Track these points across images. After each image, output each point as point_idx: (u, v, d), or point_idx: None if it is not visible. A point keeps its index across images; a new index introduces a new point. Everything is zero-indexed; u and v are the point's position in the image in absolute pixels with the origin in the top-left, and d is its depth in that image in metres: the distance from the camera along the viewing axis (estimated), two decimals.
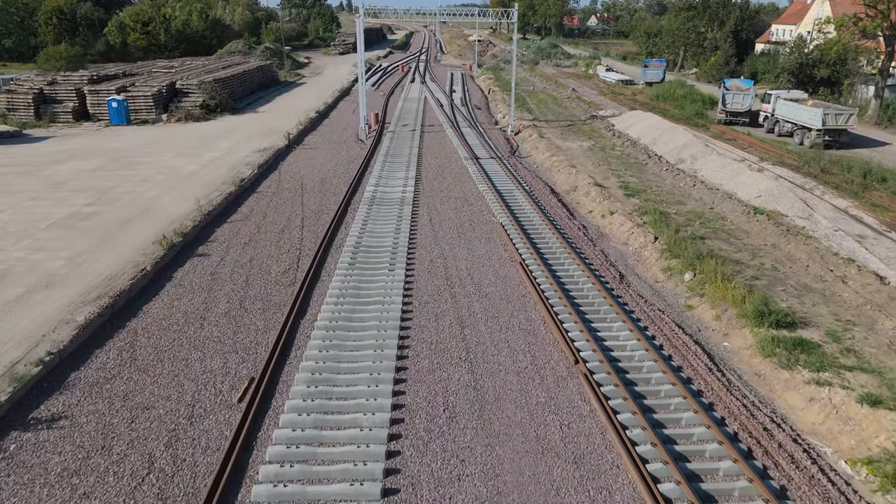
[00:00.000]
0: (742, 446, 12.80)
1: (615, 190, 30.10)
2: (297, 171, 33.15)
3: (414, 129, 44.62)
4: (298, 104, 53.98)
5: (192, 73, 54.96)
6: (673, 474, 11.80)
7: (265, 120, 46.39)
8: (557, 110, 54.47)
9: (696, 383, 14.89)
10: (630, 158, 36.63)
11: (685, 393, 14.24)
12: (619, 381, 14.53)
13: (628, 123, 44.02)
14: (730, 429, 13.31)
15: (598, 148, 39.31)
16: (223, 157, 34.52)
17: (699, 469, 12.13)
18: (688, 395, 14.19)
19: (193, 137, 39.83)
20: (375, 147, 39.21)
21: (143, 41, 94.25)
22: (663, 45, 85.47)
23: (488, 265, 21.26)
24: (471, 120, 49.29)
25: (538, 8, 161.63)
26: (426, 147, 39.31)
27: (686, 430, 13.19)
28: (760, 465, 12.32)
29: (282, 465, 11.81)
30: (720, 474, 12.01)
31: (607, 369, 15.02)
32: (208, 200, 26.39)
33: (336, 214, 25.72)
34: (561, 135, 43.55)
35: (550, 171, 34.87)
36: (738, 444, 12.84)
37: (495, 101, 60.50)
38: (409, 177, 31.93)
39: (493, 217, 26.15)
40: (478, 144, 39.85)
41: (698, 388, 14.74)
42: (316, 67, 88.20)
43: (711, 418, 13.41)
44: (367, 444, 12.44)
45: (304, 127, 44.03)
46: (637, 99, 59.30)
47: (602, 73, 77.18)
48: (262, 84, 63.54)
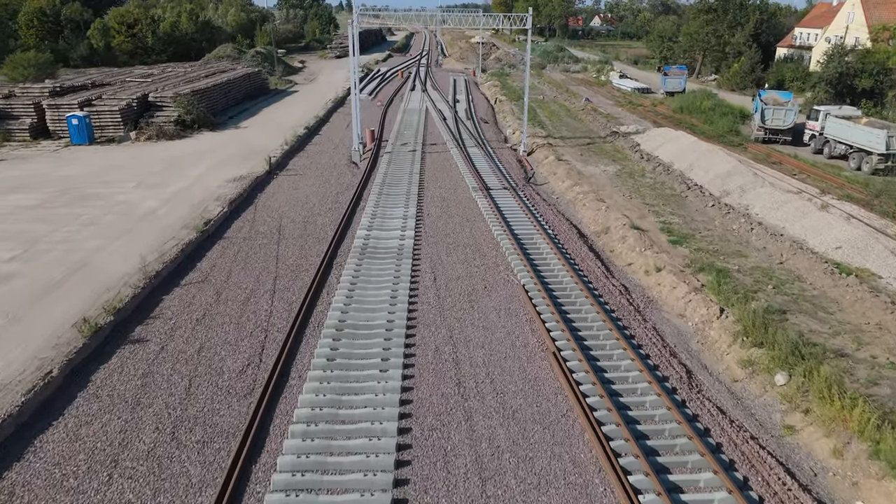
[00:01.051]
0: None
1: (656, 233, 25.02)
2: (276, 206, 28.06)
3: (414, 150, 39.54)
4: (287, 117, 48.89)
5: (170, 83, 49.92)
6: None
7: (247, 138, 41.31)
8: (572, 124, 49.37)
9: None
10: (665, 189, 31.54)
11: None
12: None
13: (656, 143, 38.94)
14: None
15: (625, 174, 34.22)
16: (191, 189, 29.44)
17: None
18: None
19: (161, 161, 34.75)
20: (370, 172, 34.15)
21: (129, 44, 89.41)
22: (679, 49, 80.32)
23: (512, 356, 16.19)
24: (477, 137, 44.21)
25: (542, 9, 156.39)
26: (428, 173, 34.23)
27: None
28: None
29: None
30: None
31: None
32: (160, 255, 21.30)
33: (317, 273, 20.65)
34: (581, 156, 38.47)
35: (574, 204, 29.79)
36: None
37: (503, 113, 55.42)
38: (408, 215, 26.84)
39: (513, 275, 21.09)
40: (487, 170, 34.77)
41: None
42: (310, 73, 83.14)
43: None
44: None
45: (291, 147, 38.95)
46: (658, 111, 54.21)
47: (616, 81, 72.11)
48: (249, 94, 58.48)
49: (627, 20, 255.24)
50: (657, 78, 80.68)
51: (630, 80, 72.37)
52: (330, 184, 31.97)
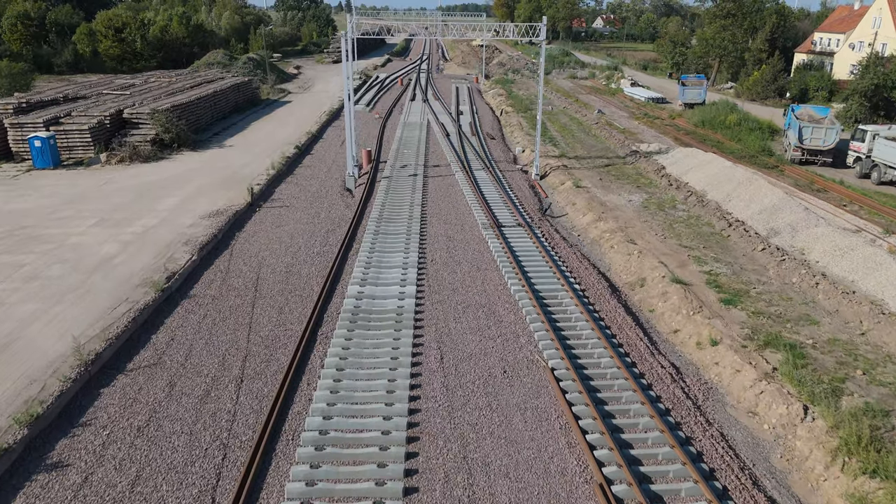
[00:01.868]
0: None
1: (702, 288, 21.13)
2: (255, 250, 24.16)
3: (415, 173, 35.65)
4: (276, 134, 45.00)
5: (150, 96, 46.05)
6: None
7: (231, 159, 37.41)
8: (587, 141, 45.47)
9: None
10: (702, 225, 27.63)
11: None
12: None
13: (684, 166, 35.04)
14: None
15: (653, 205, 30.33)
16: (158, 228, 25.53)
17: None
18: None
19: (131, 190, 30.85)
20: (366, 203, 30.26)
21: (117, 49, 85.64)
22: (693, 55, 76.41)
23: (546, 490, 12.30)
24: (484, 157, 40.31)
25: (546, 11, 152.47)
26: (431, 204, 30.34)
27: None
28: None
29: None
30: None
31: None
32: (105, 327, 17.41)
33: (297, 351, 16.77)
34: (600, 181, 34.58)
35: (600, 245, 25.89)
36: None
37: (510, 127, 51.54)
38: (408, 262, 22.94)
39: (538, 352, 17.20)
40: (497, 199, 30.88)
41: None
42: (305, 80, 79.24)
43: None
44: None
45: (278, 171, 35.05)
46: (678, 125, 50.32)
47: (628, 89, 68.20)
48: (237, 106, 54.60)
49: (630, 21, 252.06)
50: (670, 85, 76.93)
51: (643, 89, 68.47)
52: (320, 218, 28.07)
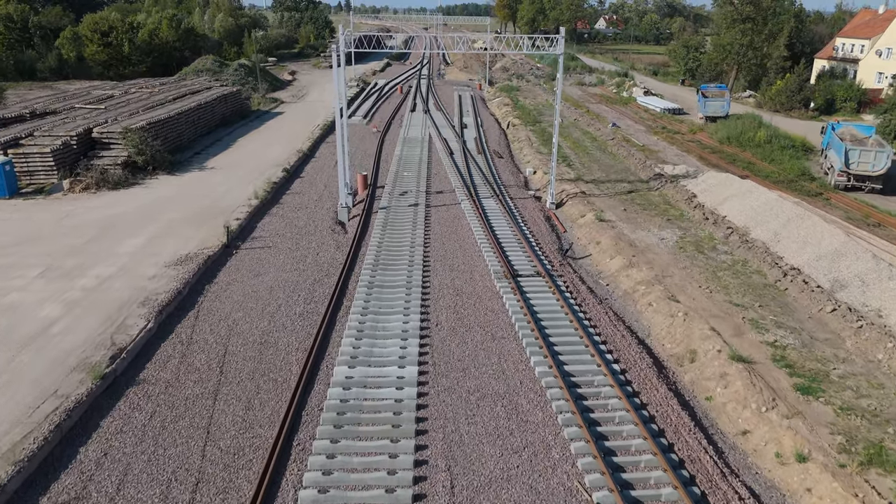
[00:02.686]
0: None
1: (768, 366, 17.24)
2: (226, 311, 20.26)
3: (416, 202, 31.74)
4: (264, 153, 41.10)
5: (127, 110, 42.17)
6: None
7: (210, 185, 33.51)
8: (604, 160, 41.56)
9: None
10: (751, 272, 23.75)
11: None
12: None
13: (719, 195, 31.11)
14: None
15: (690, 244, 26.42)
16: (115, 280, 21.64)
17: None
18: None
19: (92, 227, 26.95)
20: (359, 243, 26.36)
21: (103, 54, 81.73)
22: (709, 62, 72.44)
23: None
24: (492, 181, 36.42)
25: (549, 13, 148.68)
26: (435, 244, 26.42)
27: None
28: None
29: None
30: None
31: None
32: (11, 445, 13.51)
33: (263, 476, 12.87)
34: (624, 211, 30.68)
35: (634, 300, 22.00)
36: None
37: (518, 142, 47.65)
38: (408, 329, 19.03)
39: (576, 470, 13.32)
40: (510, 236, 26.97)
41: None
42: (299, 88, 75.33)
43: None
44: None
45: (262, 199, 31.17)
46: (701, 142, 46.40)
47: (641, 99, 64.28)
48: (225, 118, 50.70)
49: (633, 22, 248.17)
50: (683, 93, 73.10)
51: (657, 99, 64.55)
52: (306, 263, 24.18)
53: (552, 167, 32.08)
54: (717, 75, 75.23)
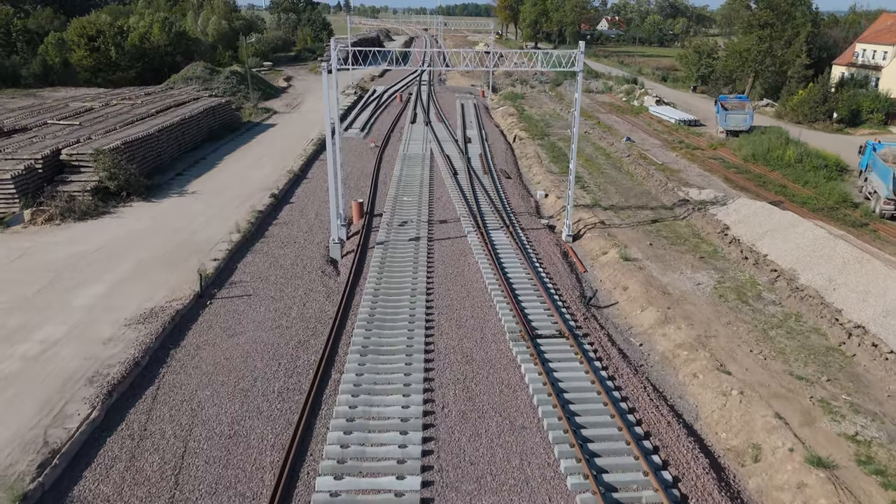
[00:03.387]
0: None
1: (855, 472, 13.95)
2: (191, 389, 16.95)
3: (417, 236, 28.42)
4: (251, 174, 37.79)
5: (104, 126, 38.91)
6: None
7: (189, 214, 30.20)
8: (621, 181, 38.23)
9: None
10: (807, 330, 20.44)
11: None
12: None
13: (755, 227, 27.77)
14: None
15: (730, 290, 23.11)
16: (62, 346, 18.35)
17: None
18: None
19: (47, 270, 23.65)
20: (353, 290, 23.06)
21: (90, 59, 78.38)
22: (724, 69, 69.06)
23: None
24: (501, 207, 33.11)
25: (552, 14, 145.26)
26: (439, 292, 23.10)
27: None
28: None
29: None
30: None
31: None
32: None
33: None
34: (650, 246, 27.39)
35: (674, 366, 18.72)
36: None
37: (526, 159, 44.35)
38: (409, 420, 15.72)
39: None
40: (526, 283, 23.63)
41: None
42: (294, 96, 72.00)
43: None
44: None
45: (245, 233, 27.86)
46: (724, 159, 43.05)
47: (654, 108, 60.94)
48: (212, 132, 47.38)
49: (635, 23, 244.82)
50: (696, 101, 69.78)
51: (671, 108, 61.20)
52: (290, 318, 20.88)
53: (569, 196, 28.74)
54: (731, 82, 71.99)
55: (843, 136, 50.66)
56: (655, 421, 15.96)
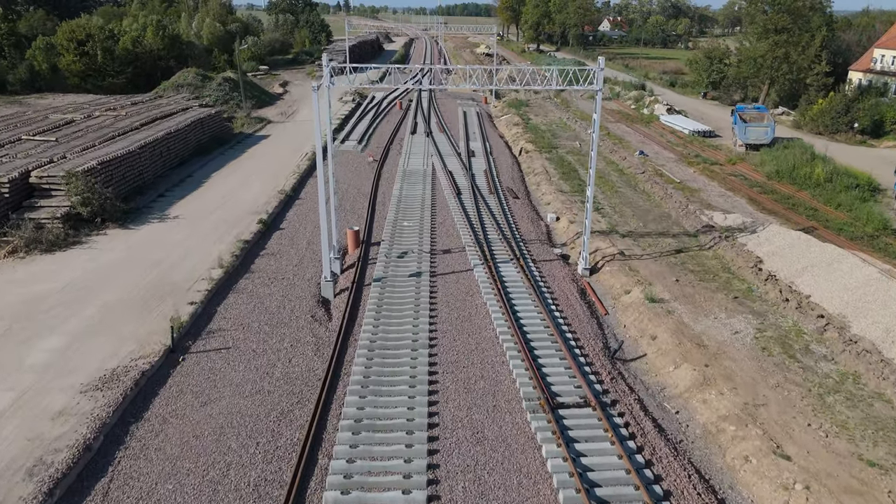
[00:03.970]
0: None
1: None
2: (149, 482, 14.23)
3: (418, 270, 25.73)
4: (239, 194, 35.11)
5: (82, 143, 36.27)
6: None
7: (167, 245, 27.49)
8: (637, 202, 35.54)
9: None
10: (869, 396, 17.75)
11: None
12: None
13: (793, 262, 25.08)
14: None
15: (774, 342, 20.42)
16: (4, 422, 15.66)
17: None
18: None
19: (3, 314, 20.95)
20: (345, 341, 20.39)
21: (79, 64, 75.61)
22: (738, 75, 66.31)
23: None
24: (510, 232, 30.41)
25: (555, 16, 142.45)
26: (444, 342, 20.41)
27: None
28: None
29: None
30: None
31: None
32: None
33: None
34: (676, 282, 24.69)
35: (719, 444, 16.03)
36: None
37: (534, 175, 41.68)
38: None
39: None
40: (541, 330, 20.95)
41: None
42: (290, 103, 69.29)
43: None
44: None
45: (229, 268, 25.16)
46: (745, 175, 40.33)
47: (665, 118, 58.21)
48: (201, 146, 44.68)
49: (637, 23, 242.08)
50: (707, 108, 67.05)
51: (683, 118, 58.47)
52: (273, 380, 18.19)
53: (586, 225, 26.01)
54: (743, 88, 69.28)
55: (867, 150, 47.98)
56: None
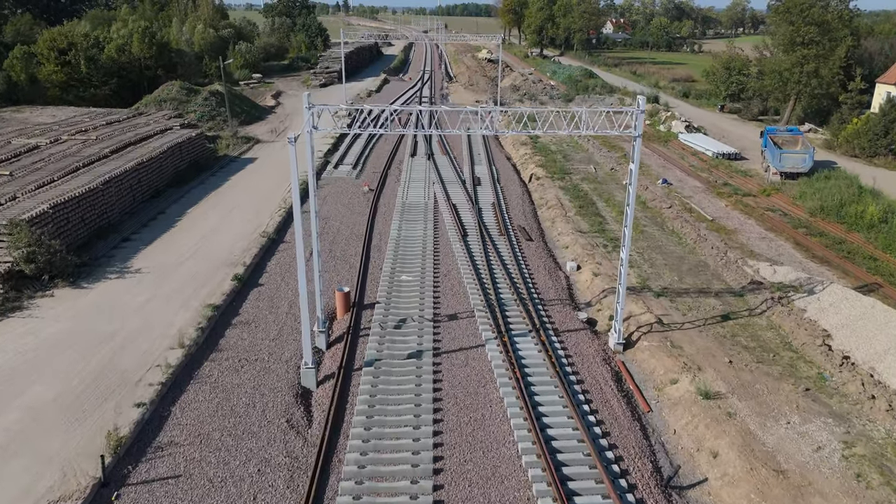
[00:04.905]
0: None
1: None
2: None
3: (420, 348, 21.51)
4: (216, 238, 30.84)
5: (38, 177, 32.13)
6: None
7: (122, 313, 23.24)
8: (667, 246, 31.27)
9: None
10: None
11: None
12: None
13: (870, 340, 20.86)
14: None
15: (869, 464, 16.16)
16: None
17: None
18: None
19: None
20: (327, 460, 16.17)
21: (60, 75, 71.39)
22: (760, 89, 62.03)
23: None
24: (525, 290, 26.13)
25: (560, 21, 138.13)
26: (451, 465, 16.18)
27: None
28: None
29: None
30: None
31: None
32: None
33: None
34: (730, 365, 20.44)
35: None
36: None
37: (548, 207, 37.46)
38: None
39: None
40: (572, 439, 16.76)
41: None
42: (282, 118, 65.04)
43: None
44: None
45: (192, 345, 20.94)
46: (784, 210, 36.07)
47: (685, 137, 53.88)
48: (179, 174, 40.45)
49: (640, 25, 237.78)
50: (725, 123, 62.82)
51: (705, 137, 54.15)
52: None
53: (619, 291, 21.75)
54: (763, 101, 65.01)
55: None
56: None
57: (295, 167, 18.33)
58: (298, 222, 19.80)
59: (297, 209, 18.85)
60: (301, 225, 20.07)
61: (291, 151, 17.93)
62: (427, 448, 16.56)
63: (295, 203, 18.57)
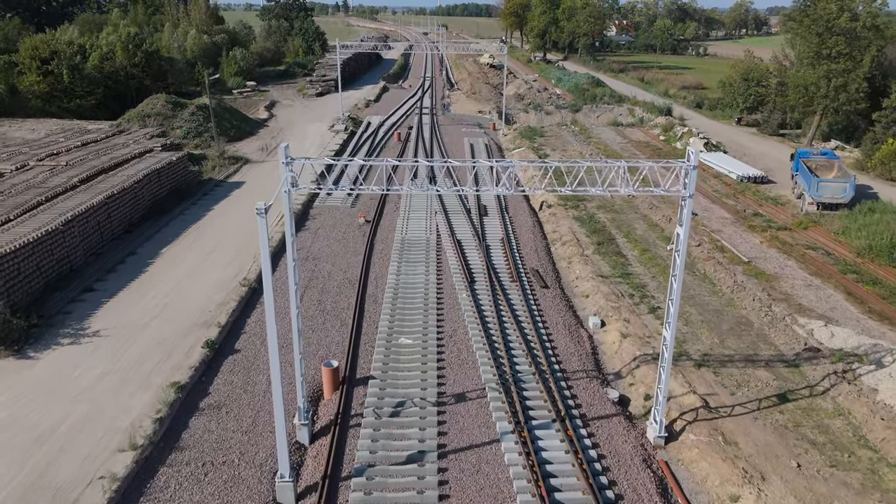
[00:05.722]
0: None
1: None
2: None
3: (422, 445, 17.87)
4: (190, 289, 27.17)
5: (2, 210, 28.52)
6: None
7: (68, 396, 19.59)
8: (701, 295, 27.57)
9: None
10: None
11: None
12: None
13: None
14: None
15: None
16: None
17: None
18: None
19: None
20: None
21: (43, 85, 67.74)
22: (782, 104, 58.33)
23: None
24: (543, 355, 22.49)
25: (564, 24, 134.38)
26: None
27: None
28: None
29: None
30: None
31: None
32: None
33: None
34: (798, 470, 16.85)
35: None
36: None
37: (562, 244, 33.91)
38: None
39: None
40: None
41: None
42: (274, 132, 61.33)
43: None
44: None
45: (144, 450, 17.31)
46: (826, 248, 32.41)
47: (705, 157, 49.79)
48: (157, 203, 36.79)
49: (643, 27, 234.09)
50: (742, 138, 59.14)
51: (726, 158, 50.45)
52: None
53: (662, 377, 18.11)
54: (784, 114, 61.34)
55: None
56: None
57: (266, 243, 14.70)
58: (271, 316, 15.87)
59: (270, 303, 15.08)
60: (274, 322, 16.13)
61: (261, 225, 14.29)
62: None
63: (267, 298, 14.91)
